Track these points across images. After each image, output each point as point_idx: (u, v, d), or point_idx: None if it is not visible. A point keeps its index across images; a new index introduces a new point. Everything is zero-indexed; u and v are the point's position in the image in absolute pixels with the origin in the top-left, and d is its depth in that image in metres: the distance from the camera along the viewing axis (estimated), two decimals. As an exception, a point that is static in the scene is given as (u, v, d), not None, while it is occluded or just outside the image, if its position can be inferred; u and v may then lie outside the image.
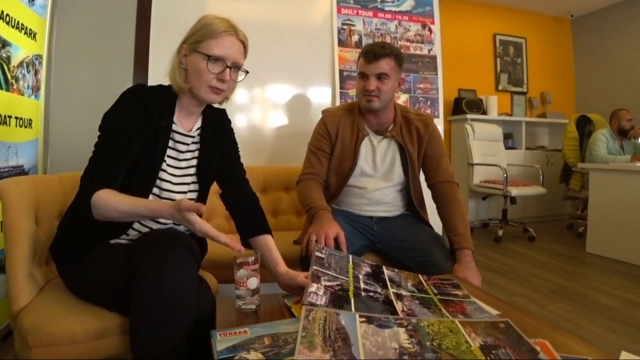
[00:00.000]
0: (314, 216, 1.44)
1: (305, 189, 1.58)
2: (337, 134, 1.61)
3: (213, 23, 1.09)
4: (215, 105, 1.27)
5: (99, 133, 1.09)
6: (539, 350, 0.77)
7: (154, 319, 0.89)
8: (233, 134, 1.35)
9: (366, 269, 1.18)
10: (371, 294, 1.03)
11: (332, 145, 1.62)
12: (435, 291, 1.13)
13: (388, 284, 1.11)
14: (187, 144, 1.18)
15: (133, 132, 1.06)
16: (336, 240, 1.33)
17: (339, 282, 1.04)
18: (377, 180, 1.62)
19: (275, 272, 1.17)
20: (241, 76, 1.16)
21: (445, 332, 0.83)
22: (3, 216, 1.08)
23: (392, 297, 1.03)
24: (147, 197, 1.09)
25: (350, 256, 1.22)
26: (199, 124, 1.22)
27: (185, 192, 1.18)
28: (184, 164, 1.18)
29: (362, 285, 1.06)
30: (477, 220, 4.36)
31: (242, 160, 1.38)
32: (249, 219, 1.29)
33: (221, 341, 0.79)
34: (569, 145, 4.08)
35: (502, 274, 2.83)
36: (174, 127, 1.14)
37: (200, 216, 0.92)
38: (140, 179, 1.08)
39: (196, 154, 1.20)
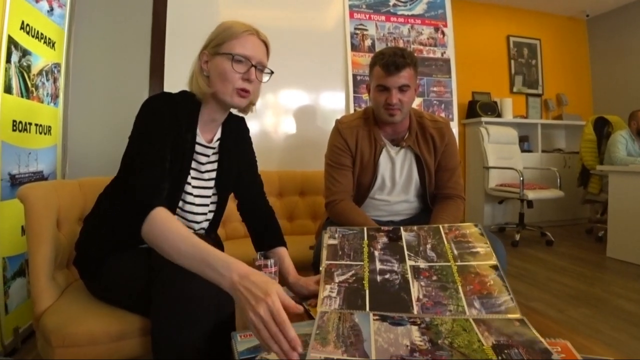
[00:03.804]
0: None
1: (346, 213, 1.51)
2: (356, 147, 1.54)
3: (233, 25, 1.08)
4: (235, 112, 1.25)
5: (130, 141, 1.05)
6: (553, 351, 0.76)
7: (175, 321, 0.90)
8: (251, 144, 1.34)
9: (383, 239, 1.15)
10: (387, 275, 1.01)
11: (353, 159, 1.56)
12: (455, 252, 1.09)
13: (405, 254, 1.09)
14: (208, 156, 1.17)
15: (167, 143, 1.03)
16: None
17: (353, 272, 1.03)
18: (397, 193, 1.59)
19: (286, 282, 1.18)
20: (266, 77, 1.14)
21: (458, 331, 0.83)
22: (25, 220, 1.11)
23: (409, 276, 1.01)
24: (173, 210, 1.07)
25: (365, 229, 1.19)
26: (218, 134, 1.20)
27: (207, 205, 1.19)
28: (206, 175, 1.17)
29: (378, 266, 1.05)
30: (493, 225, 4.30)
31: (257, 165, 1.38)
32: (264, 232, 1.30)
33: (242, 342, 0.80)
34: (587, 147, 4.00)
35: (519, 278, 2.78)
36: (196, 139, 1.12)
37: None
38: (168, 192, 1.05)
39: (215, 165, 1.19)
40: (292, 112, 2.46)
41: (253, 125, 2.39)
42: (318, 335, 0.77)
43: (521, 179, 3.67)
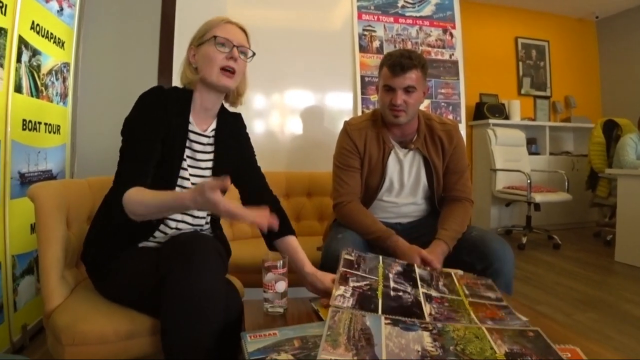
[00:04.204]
0: (387, 248, 1.42)
1: (354, 214, 1.51)
2: (365, 149, 1.55)
3: (213, 18, 1.17)
4: (231, 110, 1.30)
5: (122, 138, 1.11)
6: (565, 358, 0.75)
7: (185, 321, 0.91)
8: (249, 138, 1.37)
9: (397, 268, 1.18)
10: (400, 293, 1.02)
11: (361, 160, 1.56)
12: (467, 292, 1.11)
13: (419, 283, 1.11)
14: (203, 144, 1.19)
15: (155, 132, 1.08)
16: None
17: (367, 282, 1.03)
18: (405, 195, 1.59)
19: (302, 273, 1.17)
20: (249, 58, 1.20)
21: (471, 338, 0.82)
22: (36, 219, 1.12)
23: (422, 299, 1.02)
24: None
25: (381, 257, 1.21)
26: (214, 125, 1.23)
27: None
28: (202, 164, 1.20)
29: (392, 284, 1.06)
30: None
31: (263, 165, 1.38)
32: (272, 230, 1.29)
33: (251, 343, 0.80)
34: (595, 150, 3.97)
35: (526, 282, 2.76)
36: (189, 126, 1.16)
37: (225, 192, 0.89)
38: (162, 178, 1.10)
39: (212, 155, 1.22)
40: (300, 112, 2.46)
41: (259, 125, 2.40)
42: (329, 336, 0.77)
43: (528, 181, 3.65)
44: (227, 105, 1.29)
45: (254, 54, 1.20)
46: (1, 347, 1.50)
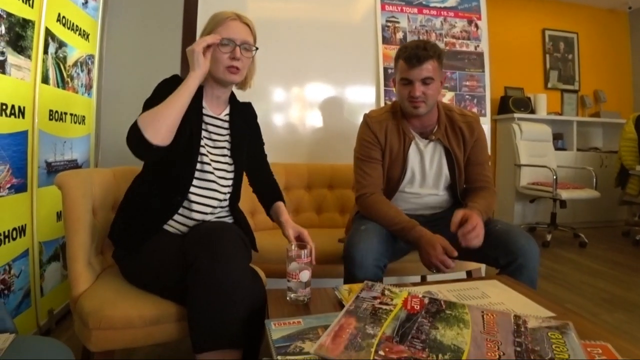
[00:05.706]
0: (411, 238, 1.41)
1: (377, 206, 1.50)
2: (385, 140, 1.54)
3: (218, 14, 1.23)
4: (242, 101, 1.36)
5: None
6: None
7: (211, 309, 0.92)
8: (259, 128, 1.44)
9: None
10: None
11: (382, 152, 1.56)
12: None
13: None
14: (218, 127, 1.25)
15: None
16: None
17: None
18: (428, 186, 1.58)
19: (278, 222, 1.33)
20: (252, 53, 1.25)
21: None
22: (63, 207, 1.14)
23: None
24: (191, 176, 1.17)
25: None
26: (227, 110, 1.30)
27: (224, 170, 1.24)
28: (219, 144, 1.25)
29: None
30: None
31: (284, 157, 1.42)
32: (268, 198, 1.43)
33: (276, 330, 0.80)
34: (627, 146, 3.84)
35: (550, 280, 2.69)
36: (203, 110, 1.23)
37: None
38: (184, 157, 1.14)
39: (228, 137, 1.27)
40: (321, 105, 2.44)
41: (280, 117, 2.39)
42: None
43: (554, 177, 3.55)
44: (235, 90, 1.35)
45: (256, 48, 1.26)
46: (28, 330, 1.54)
